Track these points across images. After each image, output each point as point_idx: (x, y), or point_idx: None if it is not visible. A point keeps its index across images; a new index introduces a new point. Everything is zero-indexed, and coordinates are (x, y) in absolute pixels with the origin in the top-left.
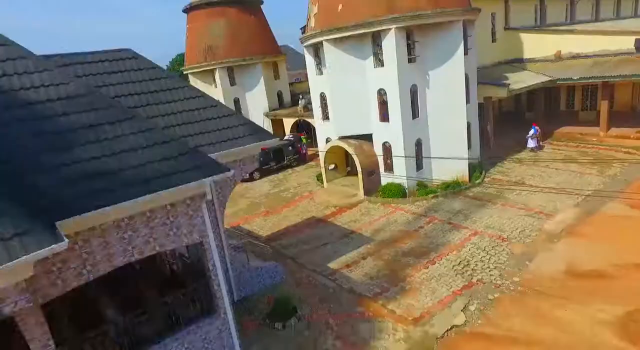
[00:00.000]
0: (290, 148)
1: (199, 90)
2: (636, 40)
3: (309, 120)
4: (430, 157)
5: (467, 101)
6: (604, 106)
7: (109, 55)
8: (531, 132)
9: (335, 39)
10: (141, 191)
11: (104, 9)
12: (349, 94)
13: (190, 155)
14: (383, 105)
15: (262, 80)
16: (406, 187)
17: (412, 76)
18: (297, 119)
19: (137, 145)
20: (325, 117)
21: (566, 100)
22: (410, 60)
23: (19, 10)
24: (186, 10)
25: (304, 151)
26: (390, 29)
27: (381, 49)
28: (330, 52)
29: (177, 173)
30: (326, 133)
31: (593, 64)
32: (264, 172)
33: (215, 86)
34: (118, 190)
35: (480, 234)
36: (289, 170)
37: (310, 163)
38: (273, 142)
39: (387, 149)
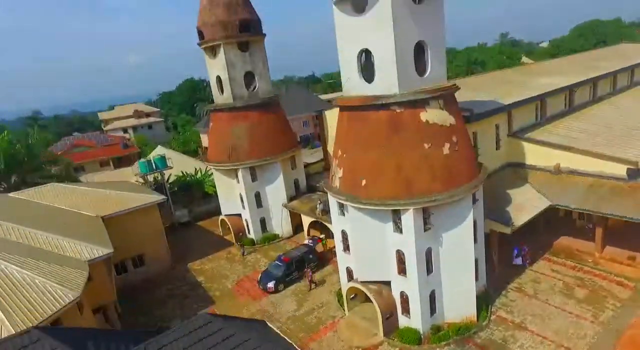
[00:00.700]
0: (310, 256)
1: None
2: (628, 169)
3: (327, 224)
4: (442, 298)
5: (475, 241)
6: (598, 232)
7: None
8: (515, 252)
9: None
10: None
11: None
12: (370, 245)
13: None
14: (401, 263)
15: (280, 174)
16: (422, 332)
17: (428, 242)
18: (315, 219)
19: None
20: (346, 248)
21: (564, 210)
22: (425, 230)
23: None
24: (211, 110)
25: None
26: (408, 209)
27: (400, 220)
28: (353, 212)
29: None
30: (346, 262)
31: (589, 187)
32: (287, 282)
33: (238, 181)
34: None
35: None
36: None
37: (328, 268)
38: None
39: (404, 297)
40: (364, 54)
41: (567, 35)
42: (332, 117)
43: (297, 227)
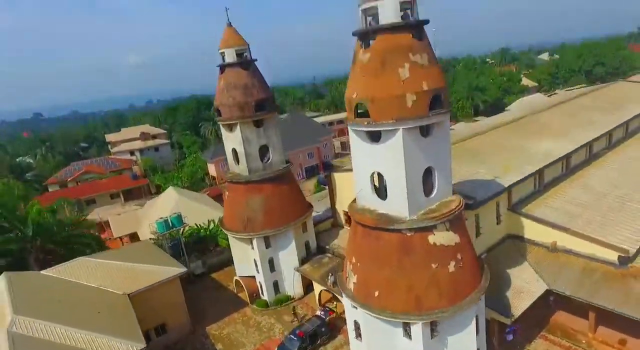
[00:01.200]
0: (323, 329)
1: None
2: (619, 256)
3: (338, 296)
4: None
5: (477, 332)
6: (591, 314)
7: None
8: (508, 330)
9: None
10: None
11: None
12: (381, 343)
13: None
14: None
15: (293, 241)
16: None
17: (434, 345)
18: (325, 289)
19: None
20: (358, 335)
21: None
22: (432, 337)
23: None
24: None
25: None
26: (417, 322)
27: (410, 329)
28: (365, 318)
29: None
30: (359, 347)
31: (583, 271)
32: None
33: (252, 248)
34: None
35: None
36: None
37: (340, 339)
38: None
39: None
40: (377, 173)
41: (567, 55)
42: (340, 179)
43: (308, 287)
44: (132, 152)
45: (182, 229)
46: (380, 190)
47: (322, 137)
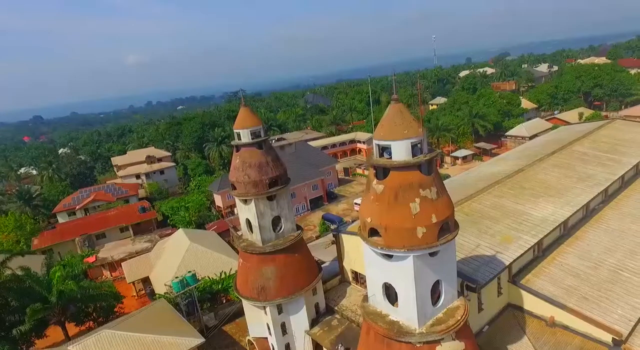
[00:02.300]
0: None
1: None
2: (613, 338)
3: None
4: None
5: None
6: None
7: None
8: None
9: None
10: None
11: None
12: None
13: None
14: None
15: (304, 306)
16: None
17: None
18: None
19: None
20: None
21: None
22: None
23: None
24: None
25: None
26: None
27: None
28: None
29: None
30: None
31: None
32: None
33: (266, 313)
34: None
35: None
36: None
37: None
38: None
39: None
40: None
41: (565, 76)
42: (348, 240)
43: (317, 346)
44: (137, 176)
45: (196, 286)
46: (391, 297)
47: (327, 166)
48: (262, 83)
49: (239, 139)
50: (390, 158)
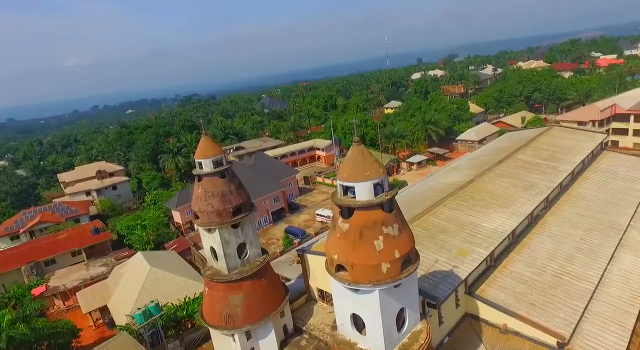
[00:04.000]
0: None
1: None
2: (557, 342)
3: None
4: None
5: None
6: None
7: None
8: None
9: None
10: None
11: None
12: None
13: None
14: None
15: (272, 329)
16: None
17: None
18: None
19: None
20: None
21: None
22: None
23: None
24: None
25: None
26: None
27: None
28: None
29: None
30: None
31: None
32: None
33: (234, 341)
34: None
35: None
36: None
37: None
38: None
39: None
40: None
41: (508, 81)
42: (313, 260)
43: None
44: (88, 192)
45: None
46: (359, 325)
47: (287, 177)
48: (217, 83)
49: (201, 168)
50: (354, 197)
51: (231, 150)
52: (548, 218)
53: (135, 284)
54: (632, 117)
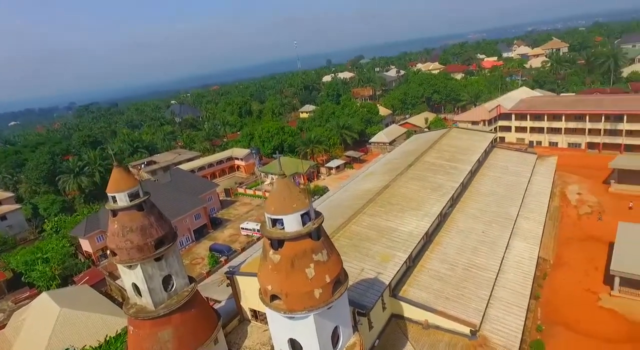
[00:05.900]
0: None
1: None
2: (470, 330)
3: None
4: None
5: None
6: None
7: None
8: None
9: None
10: None
11: None
12: None
13: None
14: None
15: None
16: None
17: None
18: None
19: None
20: None
21: None
22: None
23: None
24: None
25: None
26: None
27: None
28: None
29: None
30: None
31: (448, 345)
32: None
33: None
34: None
35: None
36: None
37: None
38: None
39: None
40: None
41: (411, 84)
42: (243, 281)
43: None
44: None
45: None
46: (297, 348)
47: (207, 191)
48: (117, 90)
49: (115, 202)
50: (284, 229)
51: (142, 166)
52: (455, 215)
53: (43, 331)
54: (513, 116)
